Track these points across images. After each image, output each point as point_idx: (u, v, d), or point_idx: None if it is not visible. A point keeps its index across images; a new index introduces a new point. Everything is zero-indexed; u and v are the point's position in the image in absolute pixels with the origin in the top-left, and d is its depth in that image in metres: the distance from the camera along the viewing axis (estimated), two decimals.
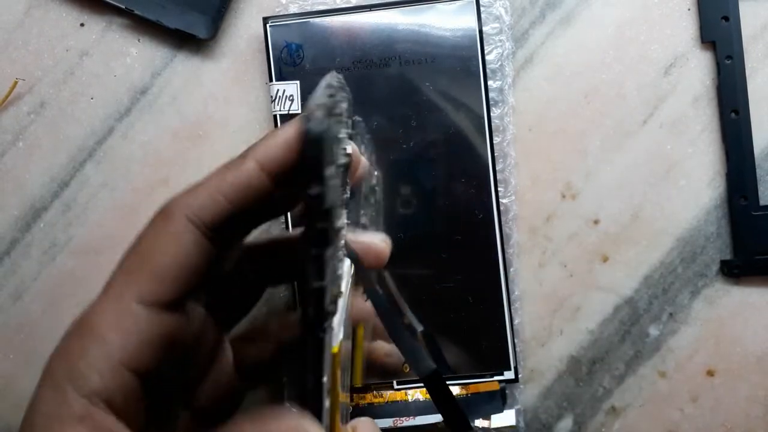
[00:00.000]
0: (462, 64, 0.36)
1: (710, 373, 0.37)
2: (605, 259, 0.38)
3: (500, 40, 0.37)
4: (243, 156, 0.23)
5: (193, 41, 0.38)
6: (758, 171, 0.37)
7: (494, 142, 0.36)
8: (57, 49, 0.39)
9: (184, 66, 0.39)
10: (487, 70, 0.36)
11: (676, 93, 0.38)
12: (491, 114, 0.36)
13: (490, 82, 0.37)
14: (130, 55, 0.39)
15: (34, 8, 0.39)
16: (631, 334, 0.38)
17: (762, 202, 0.37)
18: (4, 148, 0.39)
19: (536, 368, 0.38)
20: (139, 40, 0.39)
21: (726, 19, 0.37)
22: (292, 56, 0.36)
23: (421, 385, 0.33)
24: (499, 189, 0.36)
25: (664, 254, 0.38)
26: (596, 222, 0.38)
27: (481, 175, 0.36)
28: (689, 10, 0.38)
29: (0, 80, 0.38)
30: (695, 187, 0.38)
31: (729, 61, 0.37)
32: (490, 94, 0.36)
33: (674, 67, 0.38)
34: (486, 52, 0.36)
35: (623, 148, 0.38)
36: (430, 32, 0.36)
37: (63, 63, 0.39)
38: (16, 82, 0.38)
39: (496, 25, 0.37)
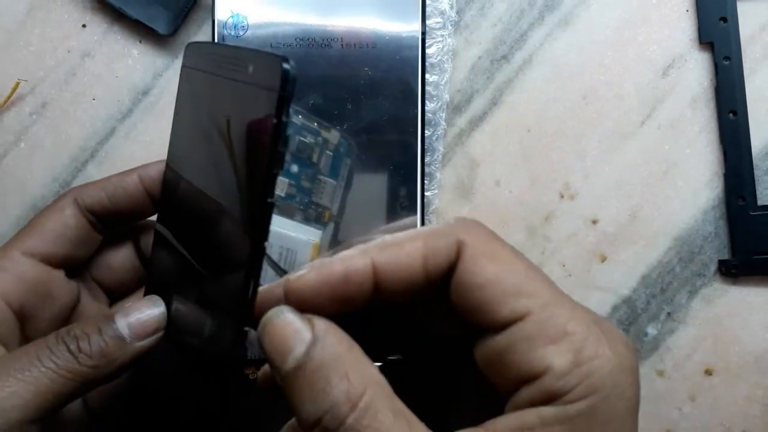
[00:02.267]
0: (402, 54, 0.36)
1: (708, 373, 0.38)
2: (603, 259, 0.38)
3: (442, 35, 0.38)
4: (133, 169, 0.30)
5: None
6: (756, 171, 0.37)
7: (425, 134, 0.37)
8: (59, 50, 0.39)
9: None
10: (426, 64, 0.36)
11: (674, 94, 0.38)
12: (425, 107, 0.37)
13: (427, 76, 0.37)
14: (132, 56, 0.39)
15: (36, 9, 0.39)
16: (629, 333, 0.38)
17: (760, 202, 0.37)
18: (6, 148, 0.39)
19: None
20: (140, 42, 0.39)
21: (724, 20, 0.37)
22: (237, 27, 0.36)
23: None
24: (424, 181, 0.36)
25: (662, 254, 0.38)
26: (595, 222, 0.38)
27: (409, 165, 0.36)
28: (687, 11, 0.38)
29: (2, 81, 0.39)
30: (693, 187, 0.38)
31: (727, 62, 0.37)
32: (426, 88, 0.37)
33: (672, 68, 0.38)
34: (427, 45, 0.37)
35: (621, 148, 0.38)
36: (374, 18, 0.36)
37: (65, 64, 0.39)
38: (18, 83, 0.38)
39: (440, 19, 0.38)
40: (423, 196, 0.36)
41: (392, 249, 0.22)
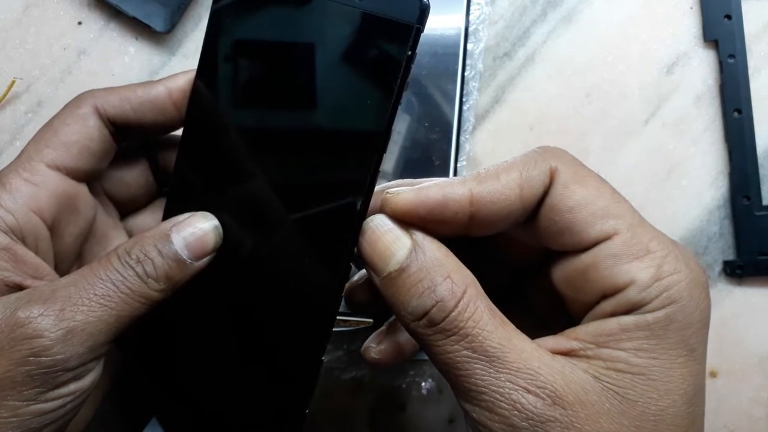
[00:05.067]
0: (446, 18, 0.36)
1: (713, 374, 0.37)
2: None
3: (479, 3, 0.37)
4: (158, 81, 0.28)
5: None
6: (761, 171, 0.37)
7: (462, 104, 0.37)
8: (55, 48, 0.38)
9: (181, 65, 0.38)
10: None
11: (679, 92, 0.38)
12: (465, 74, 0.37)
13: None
14: (128, 53, 0.38)
15: (32, 6, 0.39)
16: None
17: (765, 202, 0.37)
18: (2, 147, 0.39)
19: None
20: (137, 39, 0.38)
21: (728, 17, 0.37)
22: None
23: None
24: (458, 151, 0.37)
25: None
26: None
27: (445, 127, 0.36)
28: (691, 8, 0.38)
29: None
30: (697, 187, 0.37)
31: (731, 60, 0.37)
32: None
33: (676, 66, 0.38)
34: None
35: (625, 147, 0.38)
36: None
37: (61, 62, 0.38)
38: (13, 81, 0.38)
39: None
40: (456, 161, 0.36)
41: (490, 181, 0.23)
